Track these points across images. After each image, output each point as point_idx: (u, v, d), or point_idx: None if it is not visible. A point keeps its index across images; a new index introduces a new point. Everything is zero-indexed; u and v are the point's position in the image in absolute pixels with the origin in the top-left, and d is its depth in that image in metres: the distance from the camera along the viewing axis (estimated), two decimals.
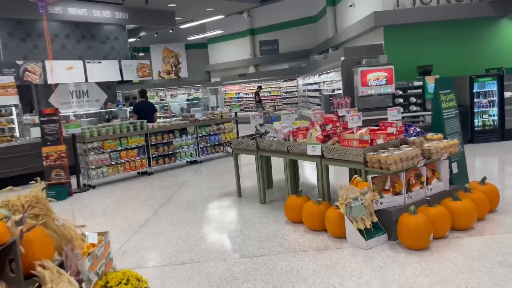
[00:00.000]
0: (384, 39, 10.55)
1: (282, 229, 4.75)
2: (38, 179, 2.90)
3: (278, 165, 6.36)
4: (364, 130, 4.60)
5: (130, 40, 18.04)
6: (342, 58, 10.37)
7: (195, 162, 9.61)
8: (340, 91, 10.60)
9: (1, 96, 8.59)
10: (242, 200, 6.14)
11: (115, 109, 12.81)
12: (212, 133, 9.83)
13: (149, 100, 10.34)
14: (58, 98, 12.39)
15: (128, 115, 12.55)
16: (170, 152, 9.10)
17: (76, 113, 12.24)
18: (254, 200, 5.98)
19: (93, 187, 7.82)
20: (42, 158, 7.29)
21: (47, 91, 12.21)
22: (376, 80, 9.42)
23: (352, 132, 4.64)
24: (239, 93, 21.02)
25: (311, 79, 15.00)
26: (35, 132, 8.86)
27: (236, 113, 10.49)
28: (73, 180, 7.62)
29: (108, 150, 8.02)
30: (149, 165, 8.68)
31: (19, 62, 10.63)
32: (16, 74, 10.41)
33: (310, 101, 15.16)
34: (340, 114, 5.14)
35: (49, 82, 11.08)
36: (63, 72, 11.52)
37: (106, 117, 12.45)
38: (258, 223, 5.02)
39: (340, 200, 4.11)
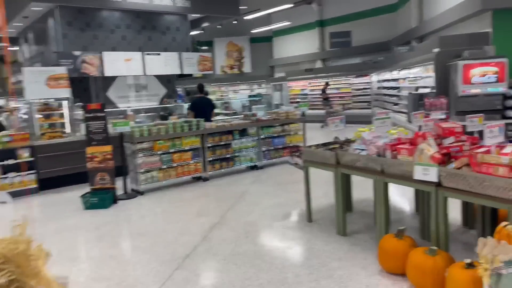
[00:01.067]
0: (494, 25, 8.56)
1: (376, 284, 3.35)
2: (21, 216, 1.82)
3: (358, 180, 4.94)
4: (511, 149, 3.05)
5: (194, 32, 17.33)
6: (436, 50, 8.55)
7: (255, 167, 8.41)
8: (426, 90, 8.81)
9: (53, 88, 8.03)
10: (313, 227, 4.80)
11: (172, 104, 12.02)
12: (275, 135, 8.56)
13: (208, 96, 9.32)
14: (116, 91, 11.86)
15: (185, 112, 11.70)
16: (228, 156, 7.98)
17: (133, 108, 11.64)
18: (330, 229, 4.61)
19: (141, 193, 6.92)
20: (86, 159, 6.49)
21: (106, 84, 11.72)
22: (482, 76, 7.53)
23: (489, 152, 3.11)
24: (304, 89, 19.54)
25: (387, 75, 13.16)
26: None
27: (303, 113, 9.13)
28: (120, 183, 6.76)
29: (159, 152, 7.07)
30: (205, 170, 7.62)
31: (77, 53, 10.14)
32: (73, 65, 9.92)
33: (385, 99, 13.34)
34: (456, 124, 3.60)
35: (106, 74, 10.51)
36: (121, 64, 10.91)
37: (161, 113, 11.68)
38: (338, 269, 3.66)
39: (483, 261, 2.62)
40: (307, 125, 9.28)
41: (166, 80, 12.74)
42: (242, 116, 9.50)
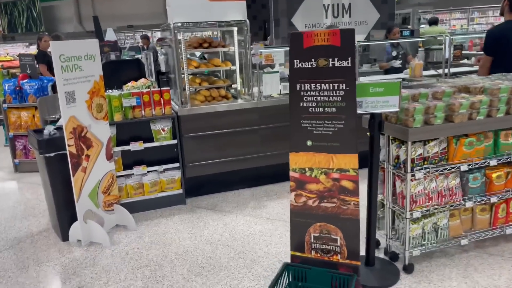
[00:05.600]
0: None
1: None
2: None
3: None
4: None
5: None
6: None
7: None
8: None
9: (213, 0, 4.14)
10: None
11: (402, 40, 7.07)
12: None
13: None
14: (303, 16, 7.61)
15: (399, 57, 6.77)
16: None
17: None
18: None
19: (407, 267, 2.68)
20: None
21: (287, 4, 7.52)
22: None
23: None
24: None
25: None
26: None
27: None
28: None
29: (455, 167, 2.62)
30: None
31: None
32: None
33: None
34: None
35: None
36: None
37: (389, 55, 6.88)
38: None
39: None
40: None
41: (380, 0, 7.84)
42: None
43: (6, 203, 4.41)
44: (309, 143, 2.33)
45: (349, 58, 2.16)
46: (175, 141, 3.99)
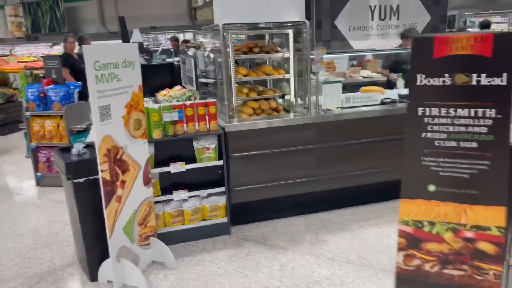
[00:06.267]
0: None
1: None
2: None
3: None
4: None
5: None
6: None
7: None
8: None
9: None
10: None
11: None
12: None
13: None
14: (350, 19, 6.98)
15: None
16: None
17: (373, 50, 6.66)
18: None
19: None
20: None
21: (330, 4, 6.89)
22: None
23: None
24: None
25: None
26: None
27: None
28: None
29: None
30: None
31: None
32: None
33: None
34: None
35: None
36: None
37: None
38: None
39: None
40: None
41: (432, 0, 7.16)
42: None
43: (26, 225, 3.91)
44: (431, 188, 1.72)
45: (505, 74, 1.54)
46: (220, 162, 3.41)
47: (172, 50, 8.94)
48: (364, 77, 6.38)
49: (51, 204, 4.37)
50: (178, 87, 4.80)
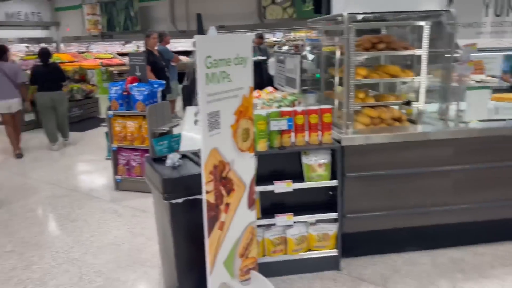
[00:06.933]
0: None
1: None
2: None
3: None
4: None
5: None
6: None
7: None
8: None
9: None
10: None
11: None
12: None
13: None
14: (459, 14, 6.03)
15: None
16: None
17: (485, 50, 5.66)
18: None
19: None
20: None
21: None
22: None
23: None
24: None
25: None
26: None
27: None
28: None
29: None
30: None
31: None
32: None
33: None
34: None
35: None
36: None
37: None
38: None
39: None
40: None
41: None
42: None
43: (106, 237, 3.56)
44: None
45: None
46: (334, 182, 2.79)
47: (258, 48, 8.47)
48: (477, 81, 5.45)
49: (132, 213, 4.02)
50: (270, 88, 4.26)
